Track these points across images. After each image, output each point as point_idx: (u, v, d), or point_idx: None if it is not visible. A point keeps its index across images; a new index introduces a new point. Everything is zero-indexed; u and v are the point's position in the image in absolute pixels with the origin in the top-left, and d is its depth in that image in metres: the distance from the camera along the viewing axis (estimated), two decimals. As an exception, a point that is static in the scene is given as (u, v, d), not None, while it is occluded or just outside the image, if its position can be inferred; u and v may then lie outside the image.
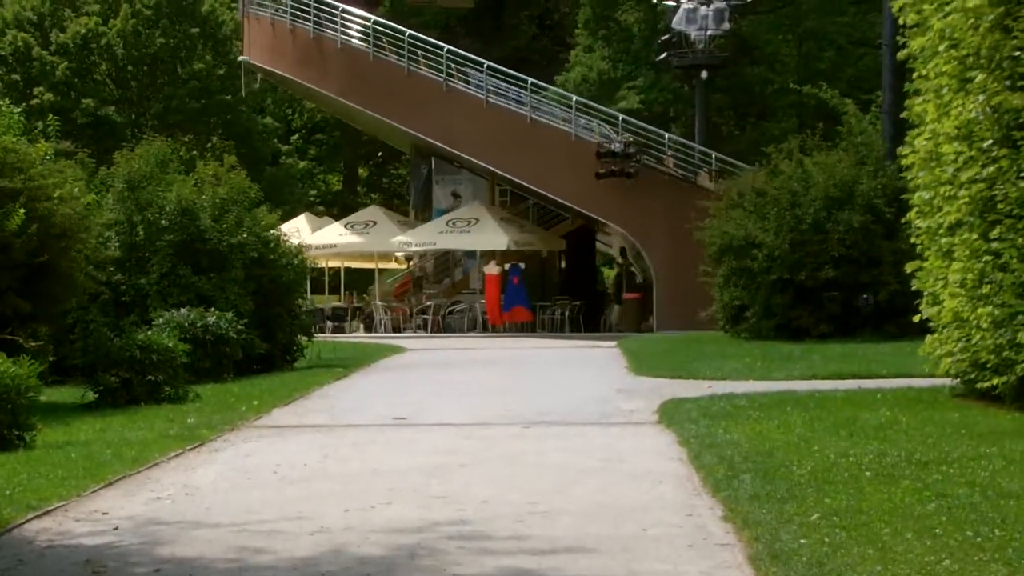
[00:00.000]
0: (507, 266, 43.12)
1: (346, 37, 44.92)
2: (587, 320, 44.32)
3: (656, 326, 40.73)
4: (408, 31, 43.83)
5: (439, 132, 43.99)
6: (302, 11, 45.73)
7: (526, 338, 39.04)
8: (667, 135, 43.50)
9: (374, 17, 44.81)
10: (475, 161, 44.62)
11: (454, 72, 43.67)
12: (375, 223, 46.52)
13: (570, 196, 42.89)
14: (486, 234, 43.12)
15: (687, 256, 39.21)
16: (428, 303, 45.66)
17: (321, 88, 47.55)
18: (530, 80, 42.98)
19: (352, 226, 46.62)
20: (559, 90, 52.57)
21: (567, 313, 43.90)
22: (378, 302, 46.82)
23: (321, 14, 45.24)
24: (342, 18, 44.66)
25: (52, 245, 19.98)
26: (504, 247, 43.04)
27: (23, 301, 19.56)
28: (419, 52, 43.71)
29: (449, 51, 43.21)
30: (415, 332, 43.30)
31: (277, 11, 46.78)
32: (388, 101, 44.64)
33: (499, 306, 42.86)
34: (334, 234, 45.79)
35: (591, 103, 46.13)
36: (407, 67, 43.58)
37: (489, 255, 43.99)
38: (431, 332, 43.04)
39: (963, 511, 9.79)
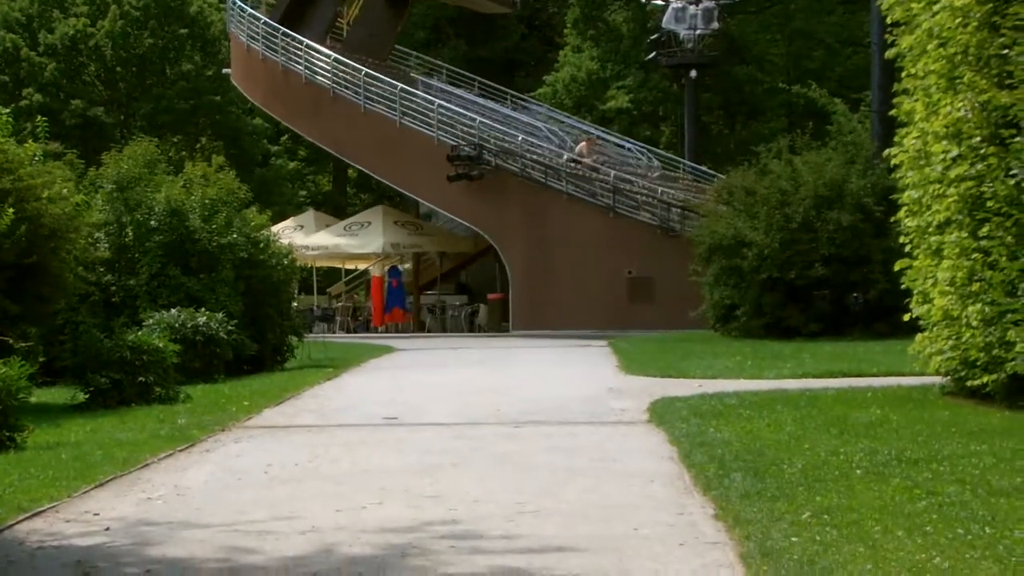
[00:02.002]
0: (387, 268, 44.07)
1: (263, 49, 46.48)
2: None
3: (512, 327, 41.98)
4: (306, 41, 45.23)
5: (328, 138, 45.93)
6: (245, 26, 47.62)
7: (516, 338, 38.99)
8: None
9: (283, 29, 45.99)
10: (355, 165, 46.36)
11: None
12: (302, 227, 47.63)
13: (434, 198, 44.17)
14: (368, 237, 44.20)
15: (542, 260, 41.27)
16: (337, 305, 48.01)
17: (254, 99, 49.17)
18: (400, 85, 44.14)
19: (283, 231, 47.45)
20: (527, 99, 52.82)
21: (462, 314, 45.20)
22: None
23: (253, 29, 46.96)
24: (263, 30, 46.32)
25: (41, 246, 19.93)
26: (379, 250, 44.54)
27: (12, 302, 19.51)
28: (316, 63, 45.17)
29: (336, 59, 44.64)
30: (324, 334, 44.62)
31: (231, 24, 48.88)
32: (293, 110, 46.58)
33: (383, 307, 44.55)
34: None
35: (606, 134, 46.72)
36: (304, 75, 45.20)
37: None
38: (339, 332, 44.65)
39: (953, 509, 9.81)
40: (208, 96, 60.91)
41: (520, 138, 43.17)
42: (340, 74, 44.55)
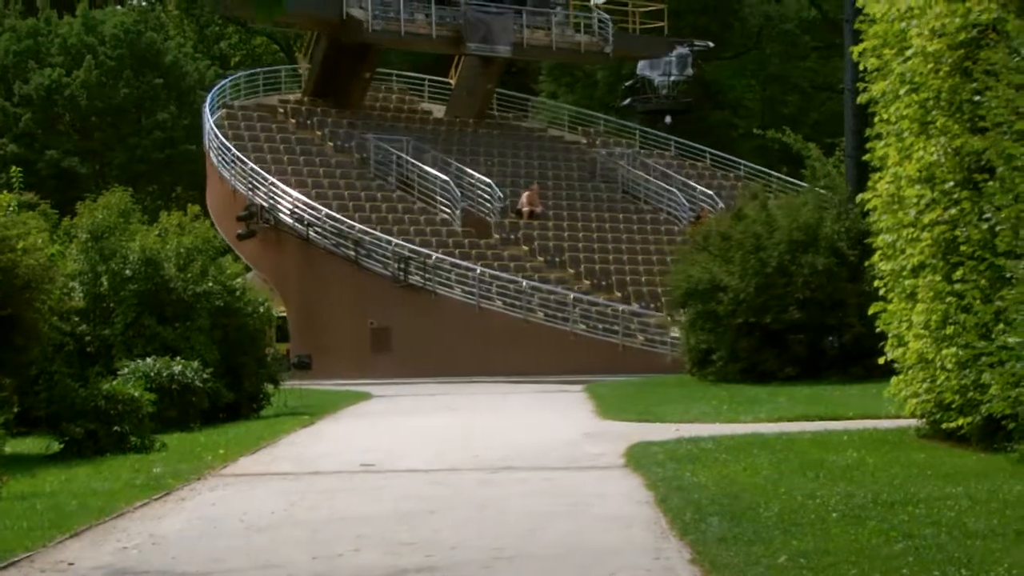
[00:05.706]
0: None
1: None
2: None
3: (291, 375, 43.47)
4: (210, 124, 48.86)
5: (209, 201, 48.77)
6: None
7: (491, 384, 38.97)
8: None
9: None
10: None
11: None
12: None
13: (248, 255, 46.29)
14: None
15: (307, 310, 44.18)
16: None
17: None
18: (231, 148, 46.87)
19: None
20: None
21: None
22: None
23: None
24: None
25: (16, 296, 19.87)
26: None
27: (-14, 352, 19.45)
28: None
29: (213, 123, 48.21)
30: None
31: None
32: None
33: None
34: None
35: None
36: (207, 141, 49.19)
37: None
38: None
39: (930, 551, 9.81)
40: (183, 145, 61.00)
41: (294, 194, 44.93)
42: (213, 139, 47.64)
